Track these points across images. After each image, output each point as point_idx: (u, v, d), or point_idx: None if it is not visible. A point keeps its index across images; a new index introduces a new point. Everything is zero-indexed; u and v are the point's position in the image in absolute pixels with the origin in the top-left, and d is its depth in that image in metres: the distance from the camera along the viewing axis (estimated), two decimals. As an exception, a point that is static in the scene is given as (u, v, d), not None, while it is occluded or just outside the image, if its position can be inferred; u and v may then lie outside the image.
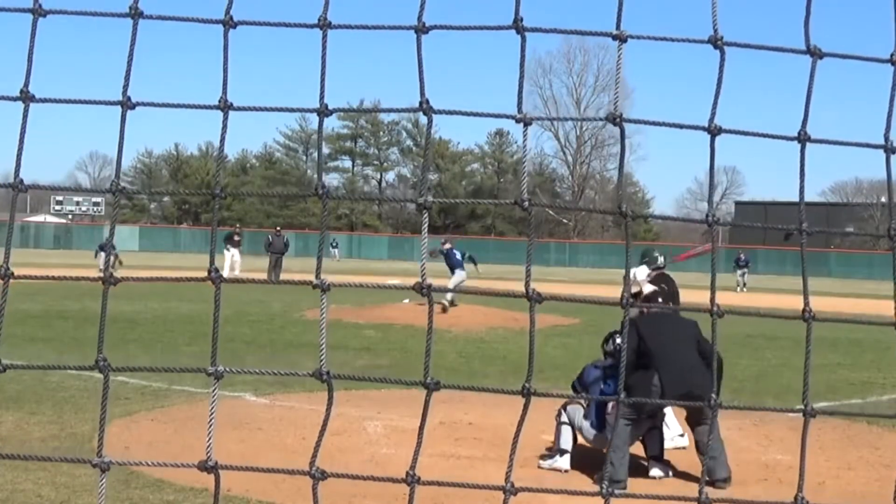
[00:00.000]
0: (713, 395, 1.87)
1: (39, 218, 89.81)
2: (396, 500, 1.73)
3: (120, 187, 1.72)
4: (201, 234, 76.55)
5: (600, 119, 1.81)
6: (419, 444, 1.69)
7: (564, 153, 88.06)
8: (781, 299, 27.79)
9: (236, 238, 38.21)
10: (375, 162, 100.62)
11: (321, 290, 1.70)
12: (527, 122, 1.74)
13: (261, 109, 1.81)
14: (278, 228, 39.31)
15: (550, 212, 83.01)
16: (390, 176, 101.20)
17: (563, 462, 8.01)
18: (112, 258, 1.98)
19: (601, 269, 63.19)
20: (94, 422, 8.10)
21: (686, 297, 10.14)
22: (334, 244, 69.06)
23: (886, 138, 1.81)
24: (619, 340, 8.86)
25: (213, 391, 1.73)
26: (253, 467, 1.81)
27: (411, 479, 1.69)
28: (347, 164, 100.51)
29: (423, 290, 1.72)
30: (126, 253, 56.14)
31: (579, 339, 17.09)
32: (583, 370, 8.47)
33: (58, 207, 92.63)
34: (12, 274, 1.67)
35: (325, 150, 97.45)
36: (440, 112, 1.74)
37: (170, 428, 8.63)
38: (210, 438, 1.73)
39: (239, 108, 1.75)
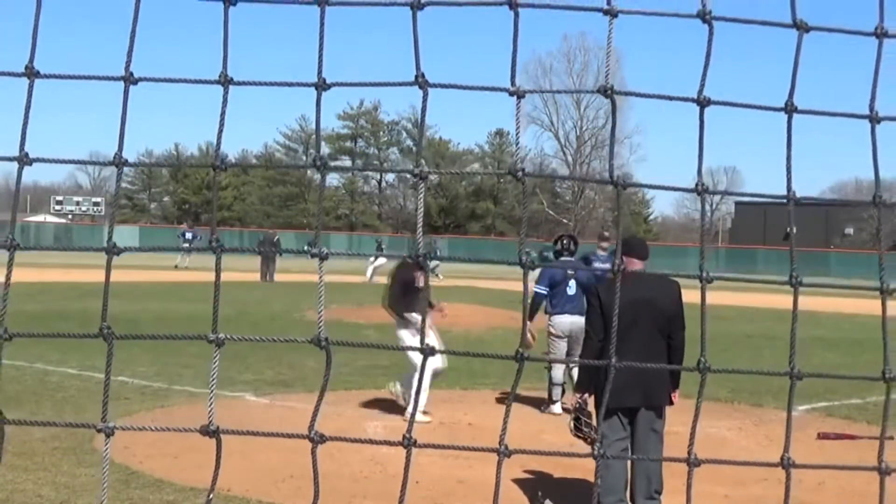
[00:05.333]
0: (702, 359, 1.89)
1: (39, 218, 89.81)
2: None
3: (123, 160, 1.75)
4: (202, 234, 76.52)
5: (593, 91, 1.86)
6: (416, 404, 1.74)
7: (564, 153, 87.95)
8: (781, 299, 27.74)
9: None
10: (375, 162, 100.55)
11: (319, 259, 1.77)
12: (520, 95, 1.81)
13: (260, 84, 1.84)
14: (275, 234, 39.62)
15: (550, 212, 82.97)
16: (390, 176, 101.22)
17: (556, 408, 10.29)
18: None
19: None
20: (94, 421, 8.10)
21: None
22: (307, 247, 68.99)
23: (871, 108, 1.88)
24: (565, 241, 10.48)
25: (215, 358, 1.79)
26: (255, 432, 1.85)
27: (408, 442, 1.74)
28: (347, 164, 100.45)
29: (420, 259, 1.79)
30: (126, 253, 56.19)
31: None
32: (541, 273, 10.45)
33: (58, 207, 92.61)
34: (18, 245, 1.71)
35: (326, 150, 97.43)
36: (434, 86, 1.78)
37: (170, 428, 8.63)
38: (212, 403, 1.79)
39: (239, 83, 1.79)
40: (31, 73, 1.73)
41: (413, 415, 1.86)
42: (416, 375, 8.92)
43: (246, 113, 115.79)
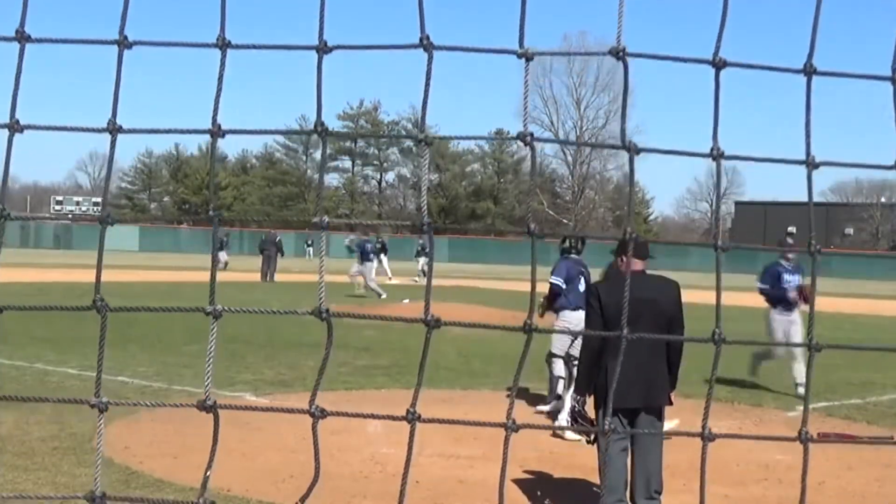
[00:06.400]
0: (717, 330, 1.88)
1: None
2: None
3: (117, 126, 1.75)
4: (202, 234, 76.46)
5: (604, 53, 1.84)
6: (420, 381, 1.74)
7: (564, 153, 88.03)
8: (781, 299, 27.82)
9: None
10: (375, 162, 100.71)
11: (321, 229, 1.78)
12: (528, 58, 1.80)
13: (259, 48, 1.83)
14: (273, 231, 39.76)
15: (550, 212, 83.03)
16: (390, 176, 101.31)
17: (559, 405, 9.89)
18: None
19: (600, 268, 63.04)
20: (94, 421, 8.09)
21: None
22: (309, 243, 68.72)
23: (894, 70, 1.86)
24: (572, 240, 10.63)
25: (212, 329, 1.80)
26: (252, 406, 1.85)
27: (412, 417, 1.74)
28: (347, 164, 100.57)
29: (424, 227, 1.80)
30: (126, 253, 56.19)
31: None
32: (556, 265, 10.49)
33: (58, 207, 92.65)
34: (8, 215, 1.71)
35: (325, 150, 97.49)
36: (440, 48, 1.76)
37: (170, 428, 8.63)
38: (208, 379, 1.80)
39: (237, 46, 1.78)
40: (21, 38, 1.73)
41: (417, 388, 1.79)
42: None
43: (246, 113, 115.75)
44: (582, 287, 10.33)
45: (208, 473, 1.91)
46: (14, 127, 1.73)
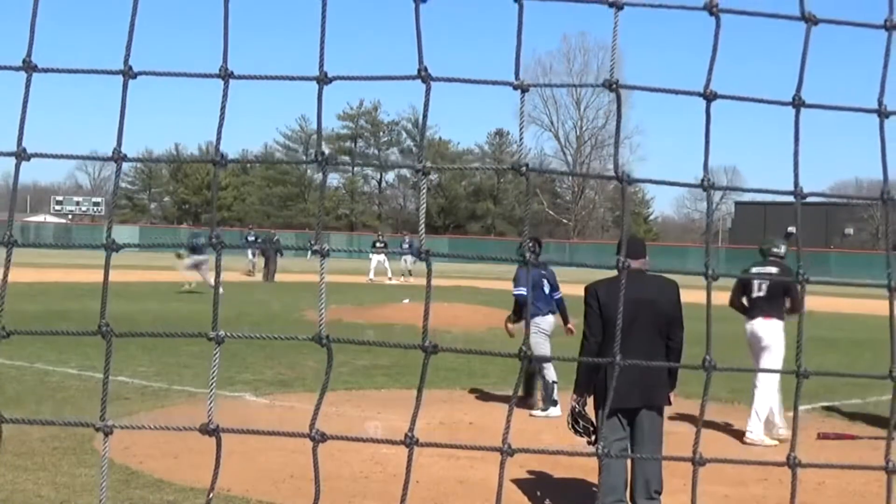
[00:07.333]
0: (707, 357, 1.88)
1: (39, 218, 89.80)
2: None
3: (122, 155, 1.75)
4: (203, 234, 76.40)
5: (597, 85, 1.84)
6: (417, 406, 1.74)
7: (564, 153, 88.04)
8: (781, 299, 27.88)
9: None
10: (375, 162, 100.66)
11: (320, 256, 1.79)
12: (524, 89, 1.81)
13: (261, 78, 1.84)
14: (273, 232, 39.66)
15: (550, 212, 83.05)
16: (390, 176, 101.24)
17: (556, 411, 9.93)
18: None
19: (601, 269, 62.89)
20: (94, 421, 8.10)
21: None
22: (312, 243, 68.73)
23: (880, 102, 1.87)
24: (529, 244, 10.37)
25: (215, 356, 1.79)
26: (255, 430, 1.85)
27: (410, 441, 1.74)
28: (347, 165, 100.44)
29: (422, 255, 1.80)
30: (126, 253, 56.17)
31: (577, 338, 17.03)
32: (517, 276, 10.45)
33: (58, 207, 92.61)
34: (16, 242, 1.71)
35: (325, 150, 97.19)
36: (437, 79, 1.77)
37: (170, 428, 8.63)
38: (211, 402, 1.79)
39: (239, 77, 1.79)
40: (28, 68, 1.73)
41: (415, 414, 1.80)
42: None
43: (246, 113, 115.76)
44: (546, 289, 10.41)
45: (210, 497, 1.91)
46: (21, 155, 1.73)
